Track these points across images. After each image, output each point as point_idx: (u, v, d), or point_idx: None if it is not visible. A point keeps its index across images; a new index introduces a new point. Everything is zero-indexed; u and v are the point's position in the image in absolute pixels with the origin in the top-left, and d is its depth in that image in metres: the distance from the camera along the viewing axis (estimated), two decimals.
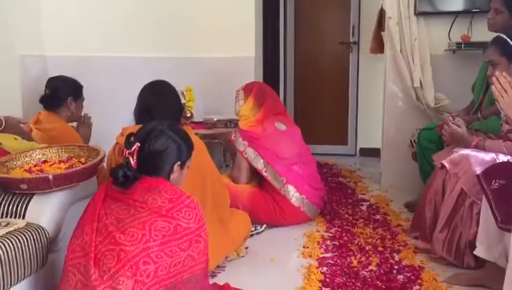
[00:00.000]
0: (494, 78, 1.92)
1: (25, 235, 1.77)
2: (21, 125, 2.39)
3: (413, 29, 3.56)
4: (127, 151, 1.66)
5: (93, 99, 3.15)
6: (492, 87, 1.92)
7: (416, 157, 3.26)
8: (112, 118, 2.84)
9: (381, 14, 4.13)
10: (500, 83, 1.89)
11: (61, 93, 2.88)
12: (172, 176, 1.74)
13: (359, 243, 2.71)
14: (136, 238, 1.48)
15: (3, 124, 2.22)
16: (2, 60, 3.42)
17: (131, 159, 1.65)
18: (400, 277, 2.32)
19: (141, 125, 1.84)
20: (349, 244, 2.70)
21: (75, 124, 3.05)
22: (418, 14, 3.57)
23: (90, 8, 3.90)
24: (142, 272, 1.45)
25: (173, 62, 3.78)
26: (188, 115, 3.42)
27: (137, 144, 1.67)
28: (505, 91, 1.88)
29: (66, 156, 2.15)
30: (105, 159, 2.21)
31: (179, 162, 1.75)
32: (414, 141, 3.27)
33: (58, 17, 3.86)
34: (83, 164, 2.03)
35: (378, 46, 4.30)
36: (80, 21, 3.89)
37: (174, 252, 1.51)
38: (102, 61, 3.88)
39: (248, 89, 3.13)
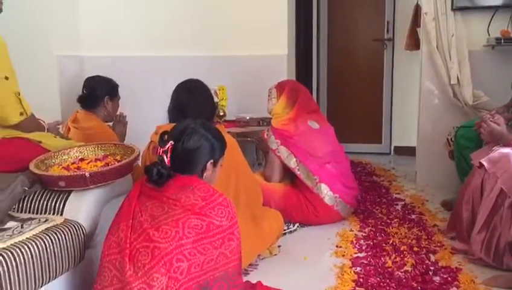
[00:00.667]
0: None
1: (63, 232, 1.82)
2: (58, 127, 2.48)
3: (450, 25, 3.47)
4: (161, 149, 1.68)
5: (128, 99, 3.22)
6: None
7: (453, 156, 3.19)
8: (146, 116, 2.88)
9: (417, 9, 4.05)
10: None
11: (98, 93, 2.95)
12: (205, 174, 1.76)
13: (394, 243, 2.66)
14: (170, 235, 1.50)
15: (45, 130, 2.31)
16: (40, 60, 3.53)
17: (165, 157, 1.67)
18: (436, 279, 2.27)
19: (174, 123, 1.86)
20: (384, 244, 2.65)
21: (111, 123, 3.11)
22: (456, 9, 3.48)
23: (125, 9, 3.97)
24: (175, 269, 1.47)
25: (206, 61, 3.80)
26: (221, 113, 3.44)
27: (171, 142, 1.69)
28: None
29: (102, 154, 2.19)
30: (140, 157, 2.24)
31: (211, 160, 1.77)
32: (451, 139, 3.20)
33: (94, 18, 3.94)
34: (119, 162, 2.07)
35: (414, 42, 4.22)
36: (115, 21, 3.97)
37: (206, 249, 1.52)
38: (137, 61, 3.94)
39: (281, 87, 3.12)
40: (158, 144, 1.72)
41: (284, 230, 2.78)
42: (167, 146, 1.68)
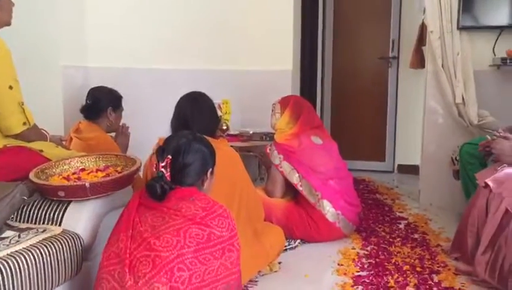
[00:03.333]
0: None
1: (60, 242, 1.80)
2: (62, 142, 2.47)
3: (455, 44, 3.47)
4: (160, 164, 1.67)
5: (131, 110, 3.21)
6: None
7: (458, 175, 3.16)
8: (149, 128, 2.87)
9: (423, 28, 4.06)
10: None
11: (101, 104, 2.95)
12: (206, 183, 1.78)
13: (396, 263, 2.62)
14: (171, 244, 1.49)
15: (47, 140, 2.29)
16: (44, 70, 3.53)
17: (165, 172, 1.66)
18: None
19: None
20: (386, 263, 2.61)
21: (113, 134, 3.10)
22: (461, 28, 3.47)
23: (132, 21, 4.00)
24: (177, 278, 1.46)
25: (211, 74, 3.81)
26: (224, 127, 3.43)
27: (169, 156, 1.68)
28: None
29: (103, 164, 2.18)
30: (142, 168, 2.22)
31: (210, 169, 1.80)
32: (456, 158, 3.17)
33: (100, 29, 3.96)
34: (120, 173, 2.05)
35: (419, 61, 4.22)
36: (121, 33, 3.99)
37: (207, 259, 1.51)
38: (141, 72, 3.96)
39: (285, 102, 3.11)
40: (156, 159, 1.71)
41: (285, 246, 2.75)
42: (165, 161, 1.67)
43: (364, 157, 4.99)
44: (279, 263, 2.60)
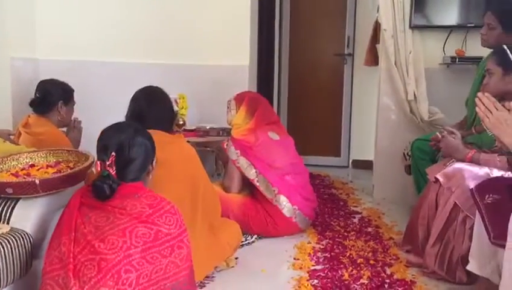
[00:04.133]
0: (477, 99, 1.90)
1: (8, 241, 1.73)
2: (10, 136, 2.37)
3: (408, 42, 3.56)
4: (105, 163, 1.62)
5: (84, 104, 3.11)
6: (477, 108, 1.90)
7: (409, 170, 3.24)
8: (102, 123, 2.78)
9: (377, 26, 4.14)
10: (483, 104, 1.88)
11: (51, 97, 2.85)
12: (150, 176, 1.76)
13: (351, 256, 2.67)
14: (117, 246, 1.45)
15: None
16: None
17: (111, 171, 1.61)
18: None
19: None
20: (341, 257, 2.66)
21: (65, 129, 3.00)
22: (413, 27, 3.57)
23: (84, 12, 3.88)
24: (124, 280, 1.42)
25: (167, 69, 3.76)
26: (181, 122, 3.39)
27: (113, 154, 1.64)
28: (490, 111, 1.86)
29: (54, 160, 2.11)
30: (95, 164, 2.17)
31: (154, 161, 1.78)
32: (407, 153, 3.26)
33: (51, 20, 3.84)
34: (71, 169, 2.00)
35: (373, 58, 4.30)
36: (73, 25, 3.87)
37: (155, 258, 1.48)
38: (95, 66, 3.85)
39: (240, 98, 3.11)
40: (98, 157, 1.66)
41: (242, 242, 2.75)
42: (110, 159, 1.62)
43: (320, 153, 5.06)
44: (236, 258, 2.60)
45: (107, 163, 1.62)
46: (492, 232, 1.94)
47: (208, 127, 3.54)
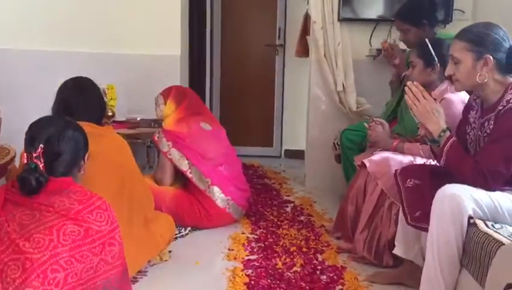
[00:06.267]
0: (406, 88, 2.00)
1: None
2: None
3: (336, 35, 3.65)
4: (32, 155, 1.54)
5: (3, 95, 2.93)
6: (406, 96, 2.00)
7: (339, 159, 3.34)
8: (25, 115, 2.63)
9: (307, 18, 4.20)
10: (412, 92, 1.98)
11: None
12: (82, 171, 1.69)
13: (284, 245, 2.72)
14: (43, 245, 1.38)
15: None
16: None
17: (39, 163, 1.53)
18: (323, 277, 2.35)
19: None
20: (274, 246, 2.70)
21: None
22: (341, 20, 3.66)
23: None
24: (50, 280, 1.36)
25: (95, 58, 3.61)
26: (110, 114, 3.27)
27: (41, 145, 1.55)
28: (418, 100, 1.97)
29: None
30: (17, 159, 2.05)
31: (87, 155, 1.71)
32: (337, 143, 3.35)
33: None
34: None
35: (304, 49, 4.36)
36: None
37: (85, 257, 1.43)
38: (15, 54, 3.62)
39: (166, 92, 3.09)
40: (26, 149, 1.57)
41: (176, 234, 2.72)
42: (38, 151, 1.54)
43: (253, 143, 5.09)
44: (170, 251, 2.57)
45: (34, 155, 1.53)
46: (409, 215, 2.05)
47: (138, 119, 3.45)
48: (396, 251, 2.23)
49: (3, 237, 1.42)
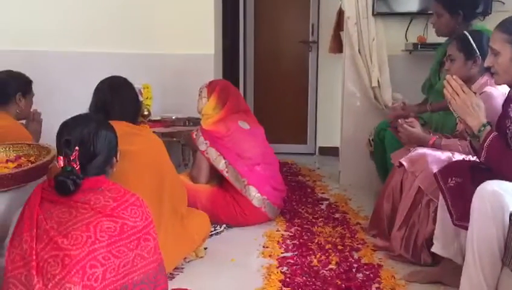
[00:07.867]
0: (445, 82, 1.95)
1: None
2: None
3: (371, 30, 3.60)
4: (69, 158, 1.56)
5: (43, 95, 3.01)
6: (444, 90, 1.95)
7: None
8: (65, 115, 2.71)
9: (340, 14, 4.16)
10: (451, 86, 1.93)
11: (9, 89, 2.74)
12: (113, 168, 1.72)
13: (319, 242, 2.71)
14: (81, 241, 1.42)
15: None
16: None
17: (75, 166, 1.55)
18: (359, 275, 2.33)
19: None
20: (309, 244, 2.69)
21: (23, 121, 2.90)
22: (376, 14, 3.61)
23: (43, 1, 3.74)
24: (89, 276, 1.39)
25: (131, 58, 3.68)
26: (146, 113, 3.33)
27: (76, 148, 1.58)
28: (457, 94, 1.91)
29: (15, 155, 2.05)
30: (56, 159, 2.10)
31: (118, 154, 1.74)
32: (372, 139, 3.31)
33: (6, 9, 3.68)
34: (32, 163, 1.93)
35: (337, 45, 4.33)
36: (32, 13, 3.74)
37: (122, 252, 1.46)
38: (55, 56, 3.73)
39: (211, 87, 3.08)
40: (60, 152, 1.59)
41: (211, 232, 2.74)
42: (74, 153, 1.56)
43: (287, 141, 5.07)
44: (205, 248, 2.59)
45: (71, 158, 1.56)
46: (455, 214, 2.00)
47: (173, 117, 3.50)
48: (435, 249, 2.18)
49: (42, 235, 1.46)
